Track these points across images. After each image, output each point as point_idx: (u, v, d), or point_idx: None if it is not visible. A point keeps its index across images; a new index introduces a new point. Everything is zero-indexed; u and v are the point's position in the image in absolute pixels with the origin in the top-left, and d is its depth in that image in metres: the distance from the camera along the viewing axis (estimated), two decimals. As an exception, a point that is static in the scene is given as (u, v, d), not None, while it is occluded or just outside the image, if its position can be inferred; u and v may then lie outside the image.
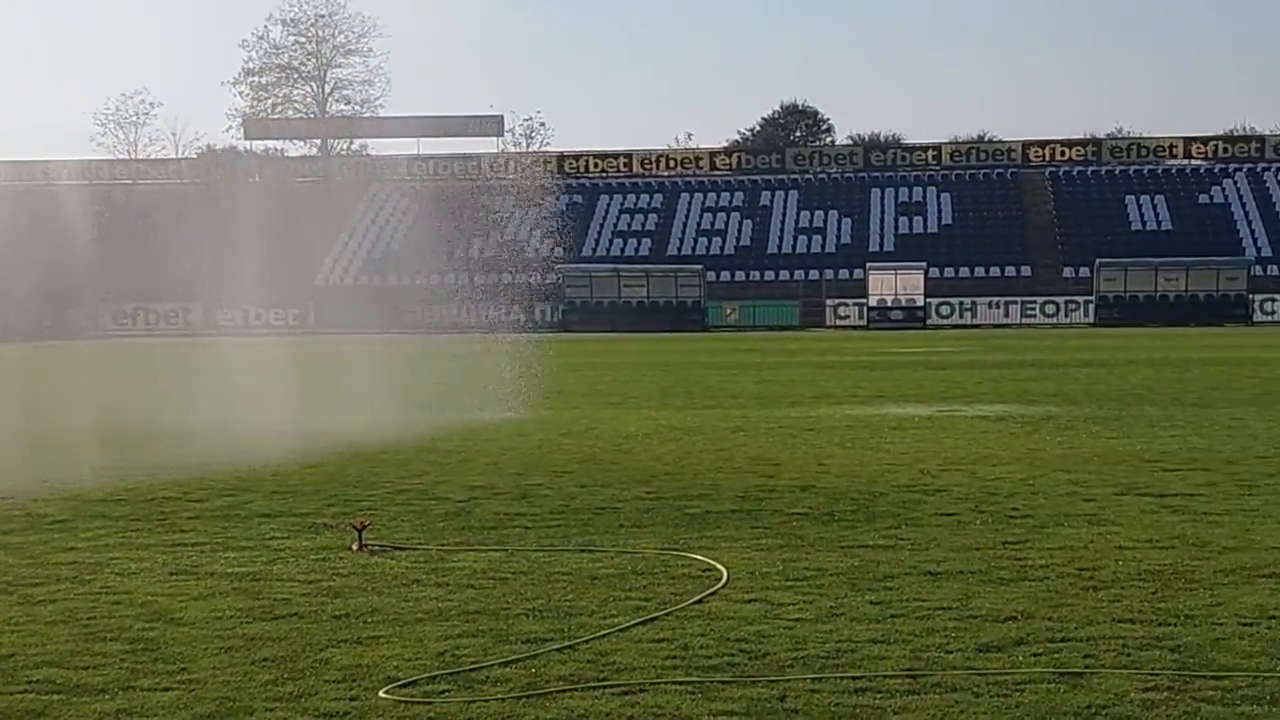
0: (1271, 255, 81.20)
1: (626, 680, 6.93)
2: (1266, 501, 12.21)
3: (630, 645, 7.60)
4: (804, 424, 19.73)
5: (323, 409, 21.55)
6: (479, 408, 21.81)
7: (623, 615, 8.27)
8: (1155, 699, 6.50)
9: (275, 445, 17.13)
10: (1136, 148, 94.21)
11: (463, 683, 6.95)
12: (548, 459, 15.92)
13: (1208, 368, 32.60)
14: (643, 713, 6.45)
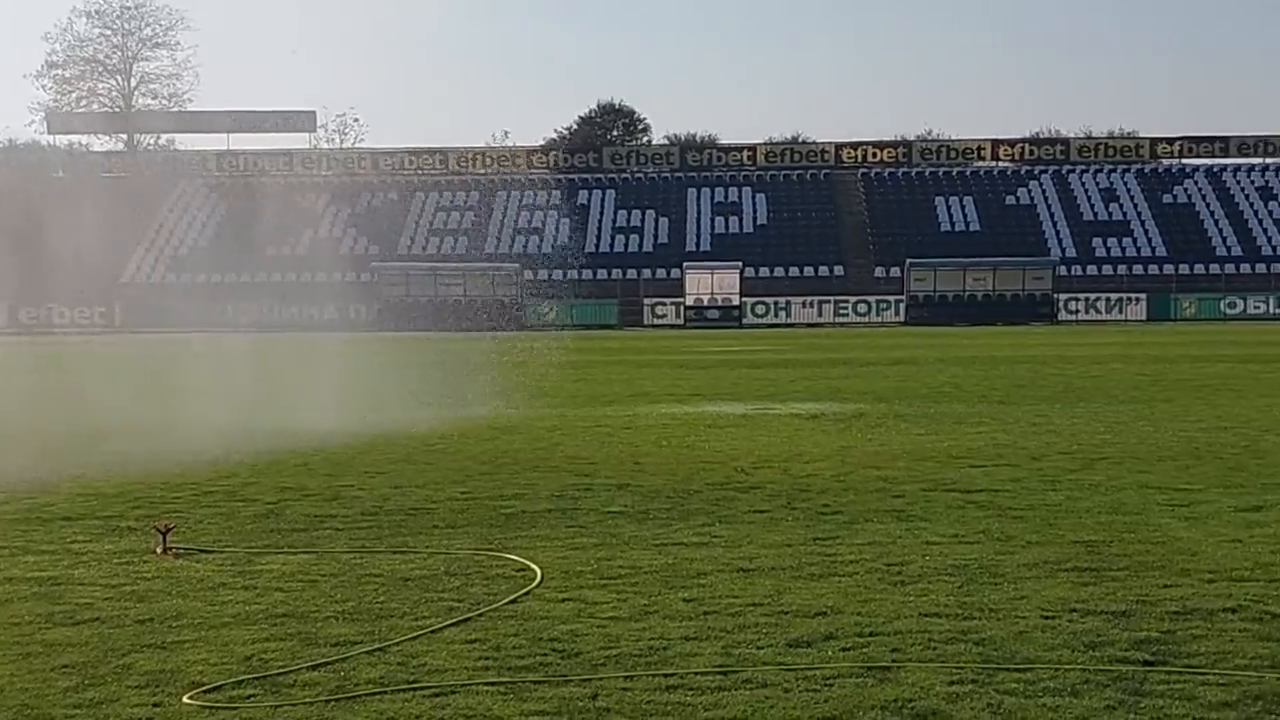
0: (1075, 256, 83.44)
1: (437, 682, 6.86)
2: (1069, 496, 12.50)
3: (442, 647, 7.53)
4: (621, 423, 19.77)
5: (126, 407, 21.05)
6: (290, 408, 21.48)
7: (435, 617, 8.19)
8: (960, 692, 6.61)
9: (79, 445, 16.68)
10: (946, 150, 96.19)
11: (269, 687, 6.82)
12: (360, 460, 15.72)
13: (1014, 366, 33.36)
14: (453, 714, 6.39)
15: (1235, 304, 76.65)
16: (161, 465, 15.19)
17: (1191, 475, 13.76)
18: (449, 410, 21.68)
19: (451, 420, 20.12)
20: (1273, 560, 9.51)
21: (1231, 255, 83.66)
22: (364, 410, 21.06)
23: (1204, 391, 24.49)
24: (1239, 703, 6.37)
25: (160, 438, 17.72)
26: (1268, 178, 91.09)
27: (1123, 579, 8.99)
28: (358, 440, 17.53)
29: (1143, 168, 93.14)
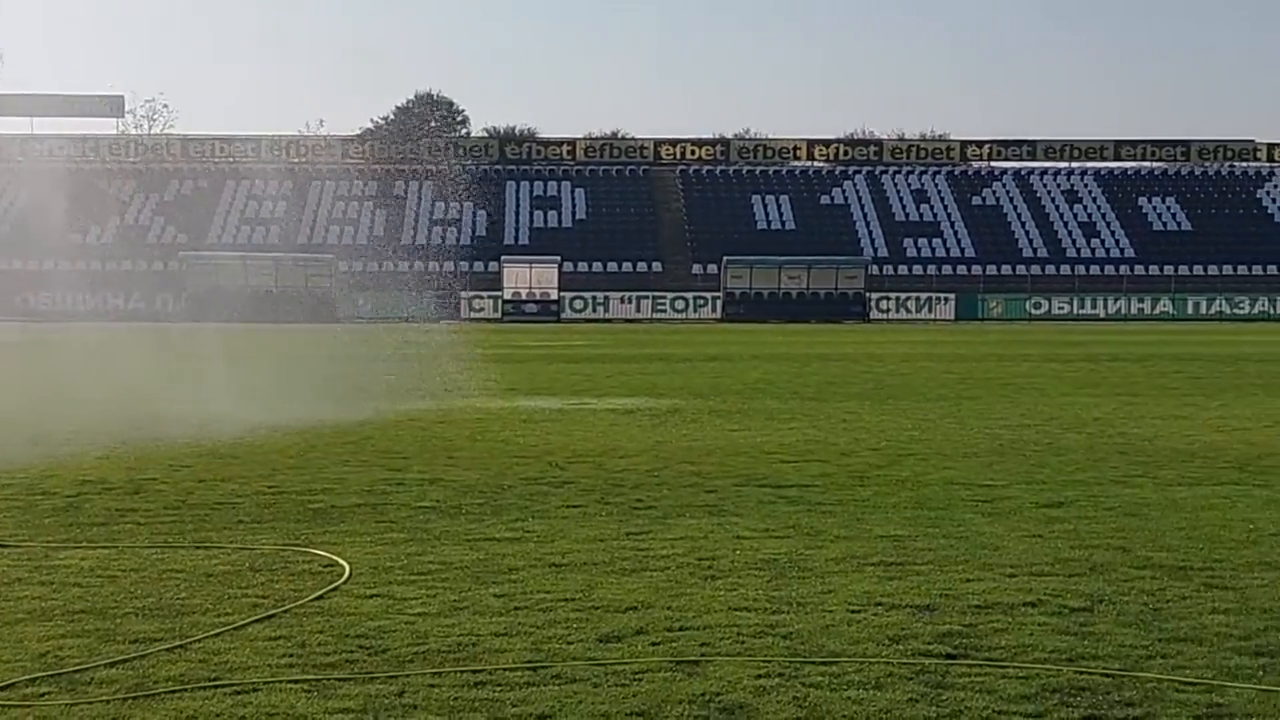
0: (888, 255, 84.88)
1: (240, 680, 6.72)
2: (877, 492, 12.68)
3: (245, 644, 7.38)
4: (434, 417, 19.61)
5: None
6: (91, 399, 20.94)
7: (238, 613, 8.03)
8: (767, 685, 6.65)
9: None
10: (763, 149, 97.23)
11: (65, 684, 6.62)
12: (163, 452, 15.37)
13: (826, 363, 33.81)
14: (255, 712, 6.26)
15: (1040, 304, 78.57)
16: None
17: (995, 471, 14.05)
18: (257, 404, 21.31)
19: (260, 414, 19.77)
20: (1072, 555, 9.73)
21: (1037, 257, 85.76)
22: (171, 401, 20.61)
23: (1008, 390, 25.05)
24: (1037, 695, 6.50)
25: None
26: (1072, 181, 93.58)
27: (927, 573, 9.13)
28: (162, 433, 17.14)
29: (953, 170, 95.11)
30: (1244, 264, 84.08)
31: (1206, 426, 18.45)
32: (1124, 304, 78.45)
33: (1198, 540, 10.30)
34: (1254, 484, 13.21)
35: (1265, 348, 41.91)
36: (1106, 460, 14.96)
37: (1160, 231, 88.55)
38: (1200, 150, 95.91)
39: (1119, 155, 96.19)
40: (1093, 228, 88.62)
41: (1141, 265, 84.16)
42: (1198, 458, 15.16)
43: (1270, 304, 77.93)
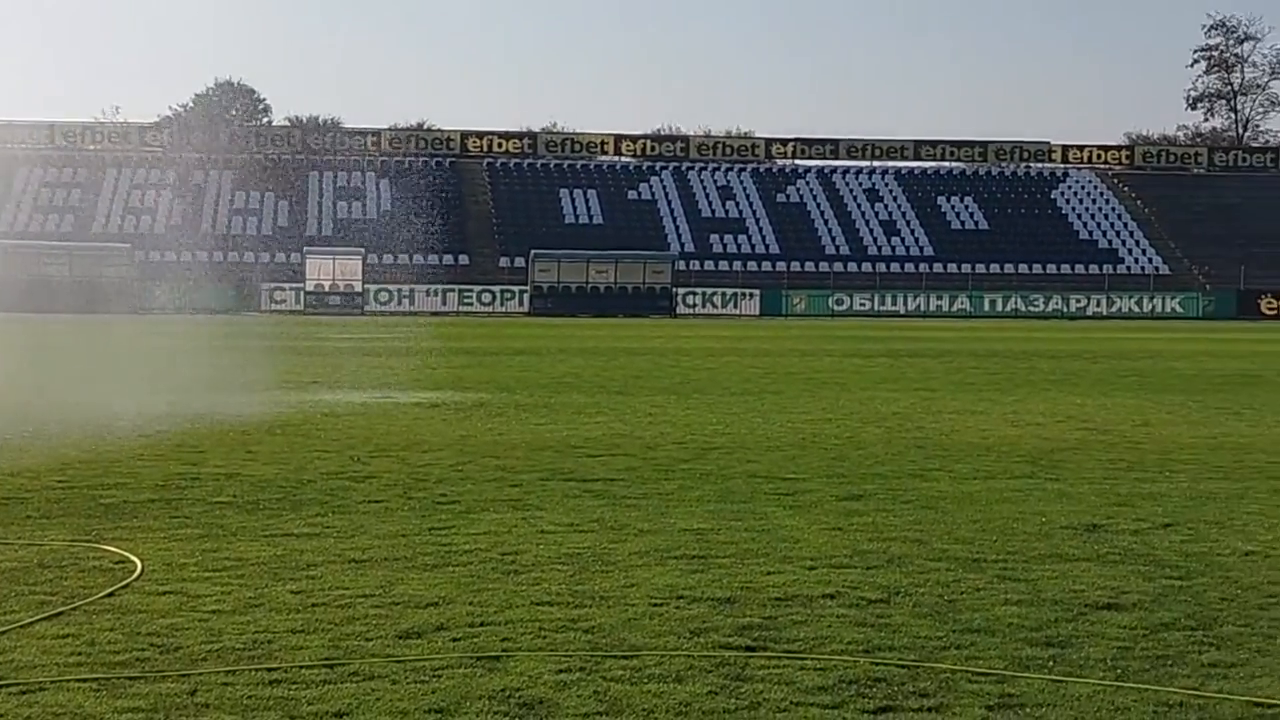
0: (694, 250, 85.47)
1: (25, 679, 6.51)
2: (681, 485, 12.74)
3: (32, 642, 7.15)
4: (232, 410, 19.23)
5: None
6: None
7: (25, 611, 7.77)
8: (568, 680, 6.63)
9: None
10: (570, 142, 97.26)
11: None
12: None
13: (633, 357, 33.93)
14: (42, 712, 6.07)
15: (842, 301, 79.77)
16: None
17: (797, 465, 14.21)
18: (49, 397, 20.72)
19: (51, 407, 19.22)
20: (870, 548, 9.88)
21: (840, 254, 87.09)
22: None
23: (810, 385, 25.38)
24: (834, 686, 6.57)
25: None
26: (874, 180, 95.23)
27: (729, 566, 9.19)
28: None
29: (758, 167, 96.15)
30: (1039, 263, 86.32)
31: (1001, 421, 18.88)
32: (923, 301, 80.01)
33: (991, 533, 10.53)
34: (1046, 477, 13.54)
35: (1058, 344, 43.08)
36: (905, 454, 15.22)
37: (958, 230, 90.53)
38: (997, 151, 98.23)
39: (919, 155, 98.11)
40: (893, 226, 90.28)
41: (940, 263, 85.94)
42: (993, 452, 15.49)
43: (1064, 302, 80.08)
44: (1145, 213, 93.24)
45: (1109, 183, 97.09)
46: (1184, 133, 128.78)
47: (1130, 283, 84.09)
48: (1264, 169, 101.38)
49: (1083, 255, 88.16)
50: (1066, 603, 8.29)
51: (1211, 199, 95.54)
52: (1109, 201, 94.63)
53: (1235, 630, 7.68)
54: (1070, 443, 16.42)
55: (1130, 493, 12.61)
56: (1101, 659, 7.09)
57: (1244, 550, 9.94)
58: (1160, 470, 14.11)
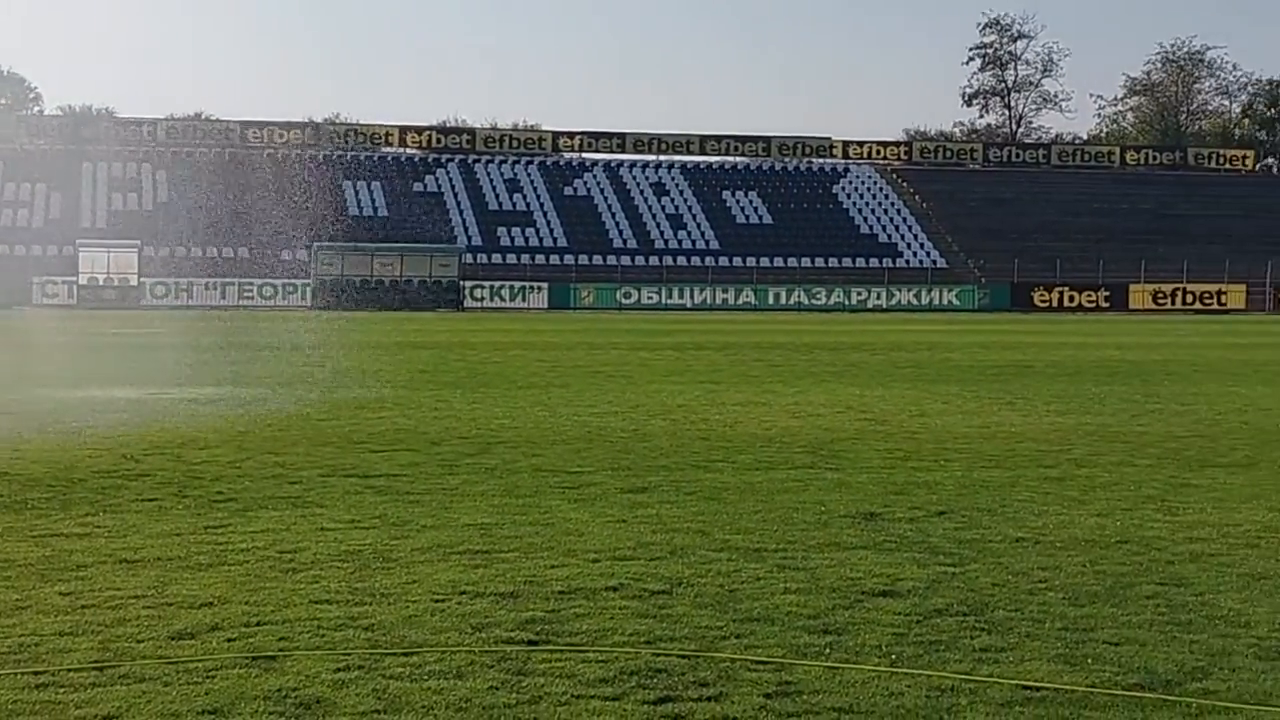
0: (481, 244, 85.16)
1: None
2: (466, 480, 12.66)
3: None
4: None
5: None
6: None
7: None
8: (346, 678, 6.53)
9: None
10: (354, 134, 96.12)
11: None
12: None
13: (418, 351, 33.66)
14: None
15: (630, 294, 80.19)
16: None
17: (583, 458, 14.23)
18: None
19: None
20: (653, 539, 9.92)
21: (627, 247, 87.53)
22: None
23: (597, 378, 25.45)
24: (615, 678, 6.58)
25: None
26: (660, 174, 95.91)
27: (513, 560, 9.16)
28: None
29: (545, 160, 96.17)
30: (821, 257, 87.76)
31: (783, 412, 19.14)
32: (709, 294, 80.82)
33: (772, 522, 10.66)
34: (826, 467, 13.75)
35: (839, 337, 43.86)
36: (689, 446, 15.34)
37: (743, 225, 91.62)
38: (780, 146, 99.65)
39: (704, 150, 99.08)
40: (680, 220, 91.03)
41: (726, 257, 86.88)
42: (775, 443, 15.69)
43: (845, 295, 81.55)
44: (923, 208, 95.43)
45: (888, 178, 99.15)
46: (960, 129, 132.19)
47: (909, 276, 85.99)
48: (1036, 165, 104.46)
49: (863, 249, 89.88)
50: (844, 590, 8.42)
51: (986, 194, 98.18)
52: (888, 197, 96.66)
53: (1006, 615, 7.87)
54: (849, 433, 16.71)
55: (907, 481, 12.87)
56: (877, 645, 7.21)
57: (1015, 537, 10.20)
58: (935, 459, 14.43)
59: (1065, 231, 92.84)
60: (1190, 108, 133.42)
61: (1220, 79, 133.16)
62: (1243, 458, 14.74)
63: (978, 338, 43.86)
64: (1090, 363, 30.95)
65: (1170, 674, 6.75)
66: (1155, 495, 12.14)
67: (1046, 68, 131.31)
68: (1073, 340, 42.67)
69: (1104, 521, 10.84)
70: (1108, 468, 13.92)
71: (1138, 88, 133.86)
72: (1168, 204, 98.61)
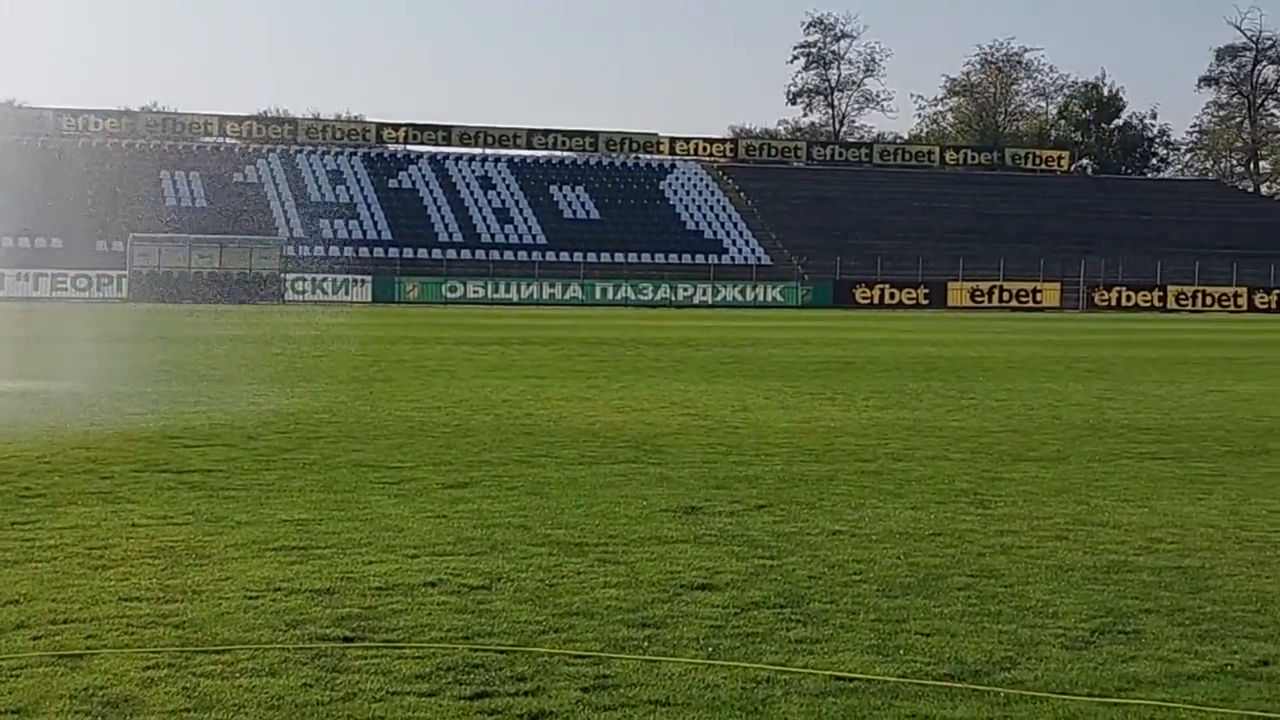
0: (303, 235, 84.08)
1: None
2: (283, 475, 12.49)
3: None
4: None
5: None
6: None
7: None
8: (156, 676, 6.41)
9: None
10: (172, 123, 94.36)
11: None
12: None
13: (237, 345, 33.13)
14: None
15: (456, 288, 79.75)
16: None
17: (404, 453, 14.11)
18: None
19: None
20: (474, 534, 9.88)
21: (453, 241, 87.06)
22: None
23: (421, 373, 25.26)
24: (431, 674, 6.54)
25: None
26: (487, 168, 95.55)
27: (329, 556, 9.05)
28: None
29: (369, 152, 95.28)
30: (648, 253, 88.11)
31: (608, 407, 19.18)
32: (536, 289, 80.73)
33: (594, 517, 10.67)
34: (649, 462, 13.81)
35: (665, 333, 44.08)
36: (513, 441, 15.30)
37: (570, 220, 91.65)
38: (607, 142, 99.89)
39: (531, 144, 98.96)
40: (506, 214, 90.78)
41: (553, 252, 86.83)
42: (599, 437, 15.72)
43: (672, 291, 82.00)
44: (748, 205, 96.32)
45: (714, 175, 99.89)
46: (785, 127, 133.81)
47: (734, 273, 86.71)
48: (859, 163, 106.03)
49: (689, 246, 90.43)
50: (663, 584, 8.45)
51: (810, 192, 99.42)
52: (714, 193, 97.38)
53: (821, 607, 7.97)
54: (673, 428, 16.79)
55: (727, 476, 12.97)
56: (694, 638, 7.25)
57: (832, 530, 10.33)
58: (756, 454, 14.57)
59: (886, 230, 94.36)
60: (1008, 108, 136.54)
61: (1037, 80, 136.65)
62: (1053, 452, 15.10)
63: (800, 334, 44.40)
64: (909, 359, 31.50)
65: (979, 664, 6.88)
66: (968, 489, 12.38)
67: (869, 67, 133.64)
68: (892, 337, 43.40)
69: (918, 514, 11.03)
70: (923, 462, 14.17)
71: (957, 88, 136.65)
72: (985, 203, 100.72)
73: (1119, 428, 17.54)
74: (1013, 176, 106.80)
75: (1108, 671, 6.78)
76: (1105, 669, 6.82)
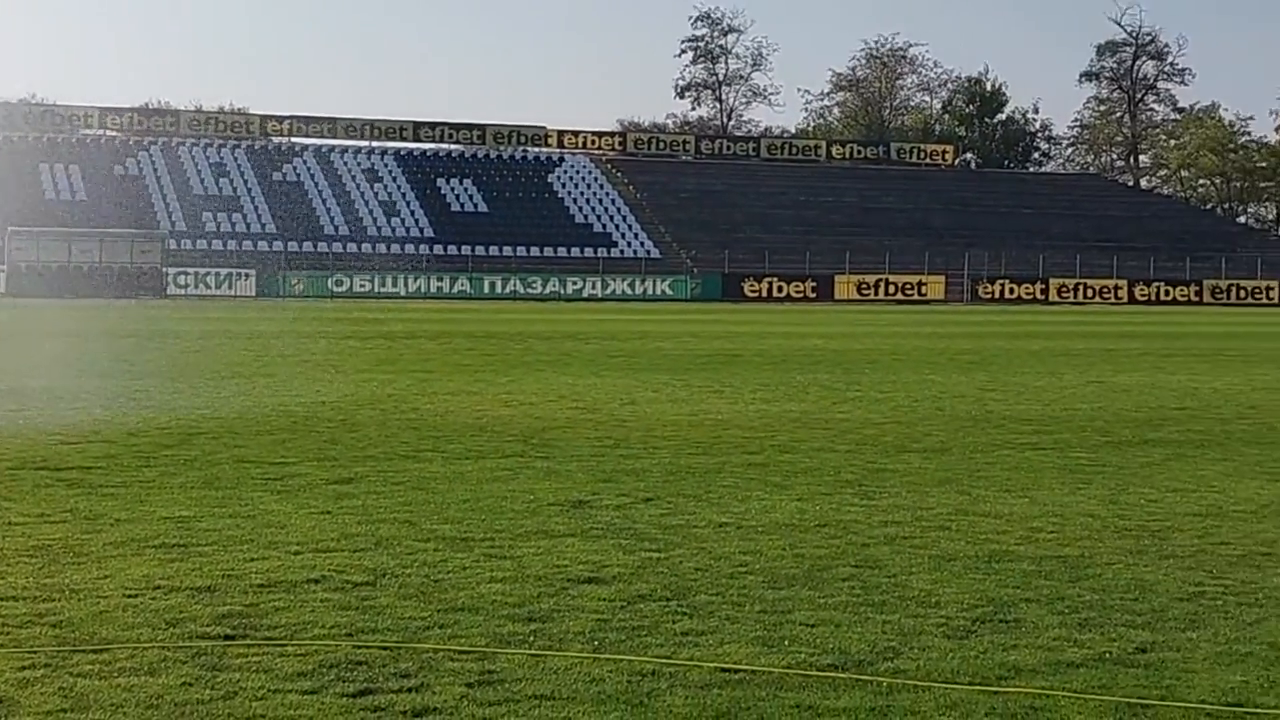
0: (186, 230, 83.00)
1: None
2: (163, 472, 12.31)
3: None
4: None
5: None
6: None
7: None
8: (31, 677, 6.30)
9: None
10: (51, 115, 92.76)
11: None
12: None
13: (116, 340, 32.63)
14: None
15: (342, 282, 79.05)
16: None
17: (287, 449, 13.96)
18: None
19: None
20: (358, 531, 9.79)
21: (339, 234, 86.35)
22: None
23: (306, 367, 25.02)
24: (314, 672, 6.47)
25: None
26: (373, 160, 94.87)
27: (210, 554, 8.93)
28: None
29: (253, 144, 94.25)
30: (537, 246, 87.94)
31: (495, 401, 19.11)
32: (424, 283, 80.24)
33: (480, 511, 10.62)
34: (536, 456, 13.76)
35: (554, 326, 44.03)
36: (398, 436, 15.19)
37: (458, 213, 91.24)
38: (495, 135, 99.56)
39: (418, 136, 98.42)
40: (393, 207, 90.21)
41: (440, 245, 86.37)
42: (486, 431, 15.65)
43: (561, 284, 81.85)
44: (637, 198, 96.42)
45: (603, 168, 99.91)
46: (673, 121, 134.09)
47: (623, 266, 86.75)
48: (747, 157, 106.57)
49: (579, 239, 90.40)
50: (550, 578, 8.43)
51: (698, 186, 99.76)
52: (603, 187, 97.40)
53: (708, 599, 7.98)
54: (561, 421, 16.76)
55: (615, 469, 12.96)
56: (581, 632, 7.24)
57: (718, 522, 10.36)
58: (644, 447, 14.57)
59: (774, 223, 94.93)
60: (893, 103, 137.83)
61: (922, 76, 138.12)
62: (937, 443, 15.26)
63: (689, 327, 44.53)
64: (796, 352, 31.69)
65: (863, 654, 6.93)
66: (853, 480, 12.47)
67: (756, 62, 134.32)
68: (780, 330, 43.65)
69: (804, 506, 11.09)
70: (809, 454, 14.25)
71: (843, 83, 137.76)
72: (871, 197, 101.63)
73: (1001, 419, 17.75)
74: (898, 171, 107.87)
75: (988, 660, 6.86)
76: (986, 658, 6.89)
